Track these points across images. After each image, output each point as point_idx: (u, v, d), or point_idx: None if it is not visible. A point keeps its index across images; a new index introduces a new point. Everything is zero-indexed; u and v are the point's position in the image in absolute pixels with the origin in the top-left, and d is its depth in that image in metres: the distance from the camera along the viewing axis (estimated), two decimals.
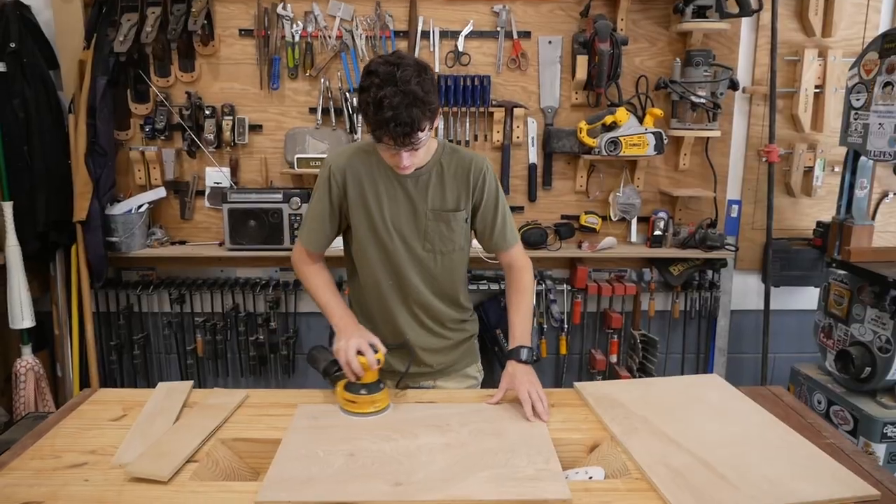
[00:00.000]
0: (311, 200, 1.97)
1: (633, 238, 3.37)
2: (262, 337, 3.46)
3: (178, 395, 1.92)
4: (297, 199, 3.10)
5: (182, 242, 3.37)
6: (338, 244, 2.08)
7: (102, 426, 1.75)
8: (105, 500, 1.40)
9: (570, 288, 3.38)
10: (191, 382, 2.01)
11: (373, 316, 2.04)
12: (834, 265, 2.87)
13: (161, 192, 3.27)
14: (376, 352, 1.78)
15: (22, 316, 3.00)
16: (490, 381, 2.19)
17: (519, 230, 3.27)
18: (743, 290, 3.54)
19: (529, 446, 1.61)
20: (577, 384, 1.98)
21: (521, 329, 1.95)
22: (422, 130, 1.67)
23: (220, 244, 3.29)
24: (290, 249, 3.17)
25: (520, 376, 1.83)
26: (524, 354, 1.89)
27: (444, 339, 2.07)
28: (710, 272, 3.41)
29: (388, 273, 1.97)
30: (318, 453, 1.58)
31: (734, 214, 3.39)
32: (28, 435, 1.72)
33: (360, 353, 1.75)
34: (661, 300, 3.49)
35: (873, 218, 3.34)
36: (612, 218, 3.34)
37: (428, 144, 1.83)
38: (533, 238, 3.21)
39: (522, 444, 1.62)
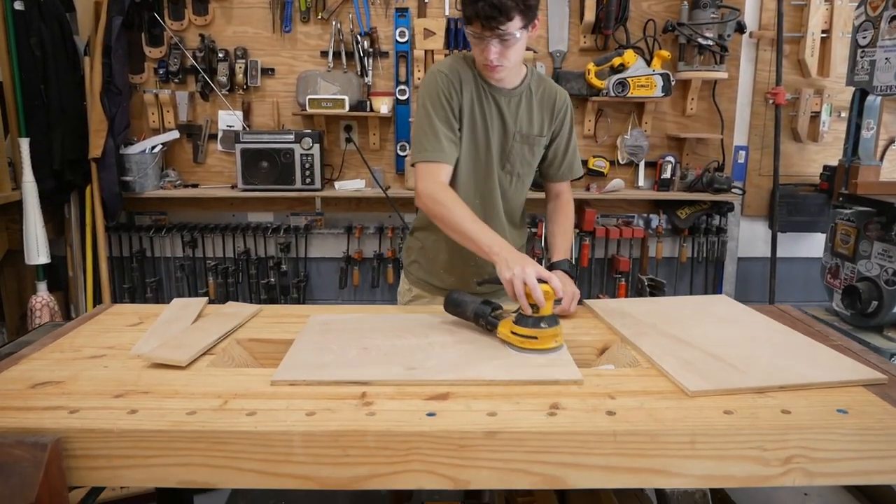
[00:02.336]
0: (423, 113, 1.83)
1: (641, 182, 3.39)
2: (272, 280, 3.50)
3: (194, 307, 1.95)
4: (308, 140, 3.13)
5: (195, 185, 3.40)
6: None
7: (120, 330, 1.78)
8: (125, 380, 1.42)
9: (578, 231, 3.39)
10: (206, 298, 2.03)
11: (449, 242, 1.96)
12: (841, 199, 2.89)
13: (174, 134, 3.31)
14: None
15: (38, 252, 3.03)
16: None
17: None
18: (750, 238, 3.56)
19: None
20: (586, 300, 2.00)
21: (564, 246, 2.00)
22: (511, 20, 1.65)
23: (233, 187, 3.32)
24: (301, 190, 3.23)
25: (565, 281, 1.86)
26: (566, 266, 1.94)
27: None
28: (717, 217, 3.43)
29: (475, 191, 1.94)
30: (331, 347, 1.61)
31: (741, 160, 3.40)
32: (47, 336, 1.75)
33: (540, 280, 1.57)
34: (669, 246, 3.52)
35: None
36: (620, 161, 3.36)
37: (518, 66, 1.83)
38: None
39: None
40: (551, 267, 1.94)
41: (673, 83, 3.17)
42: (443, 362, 1.51)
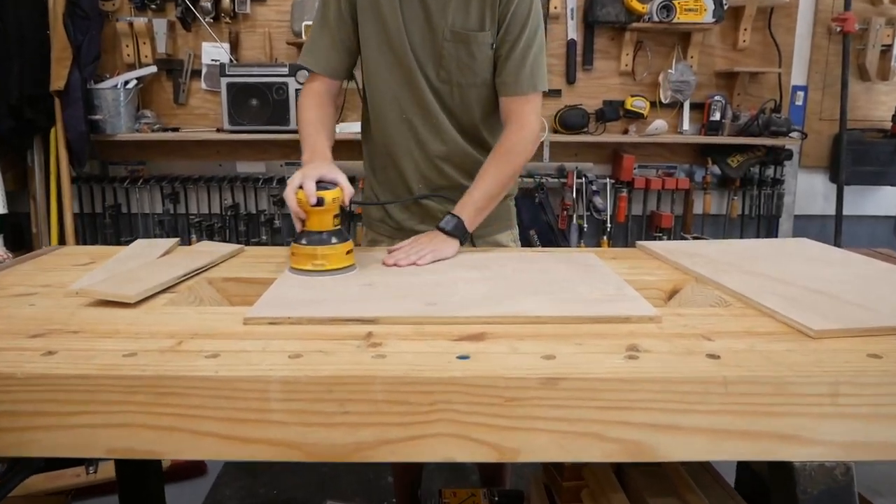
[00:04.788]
0: (317, 13, 1.62)
1: (686, 126, 3.05)
2: (265, 238, 3.22)
3: (160, 247, 1.63)
4: (305, 73, 2.76)
5: (175, 129, 3.08)
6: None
7: (65, 269, 1.47)
8: (51, 318, 1.10)
9: (613, 181, 3.05)
10: (178, 239, 1.70)
11: (385, 164, 1.69)
12: None
13: (152, 69, 2.99)
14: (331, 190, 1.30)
15: None
16: None
17: (555, 114, 2.95)
18: (808, 192, 3.23)
19: (591, 278, 1.29)
20: (639, 242, 1.68)
21: (469, 197, 1.55)
22: None
23: (218, 130, 3.00)
24: (296, 132, 2.86)
25: (425, 236, 1.50)
26: (448, 224, 1.50)
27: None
28: (772, 167, 3.08)
29: (405, 107, 1.61)
30: (326, 282, 1.26)
31: (799, 102, 3.07)
32: None
33: (324, 184, 1.31)
34: (717, 200, 3.19)
35: None
36: (663, 100, 3.02)
37: None
38: (571, 120, 2.91)
39: (580, 277, 1.30)
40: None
41: (725, 6, 2.79)
42: (470, 297, 1.16)
